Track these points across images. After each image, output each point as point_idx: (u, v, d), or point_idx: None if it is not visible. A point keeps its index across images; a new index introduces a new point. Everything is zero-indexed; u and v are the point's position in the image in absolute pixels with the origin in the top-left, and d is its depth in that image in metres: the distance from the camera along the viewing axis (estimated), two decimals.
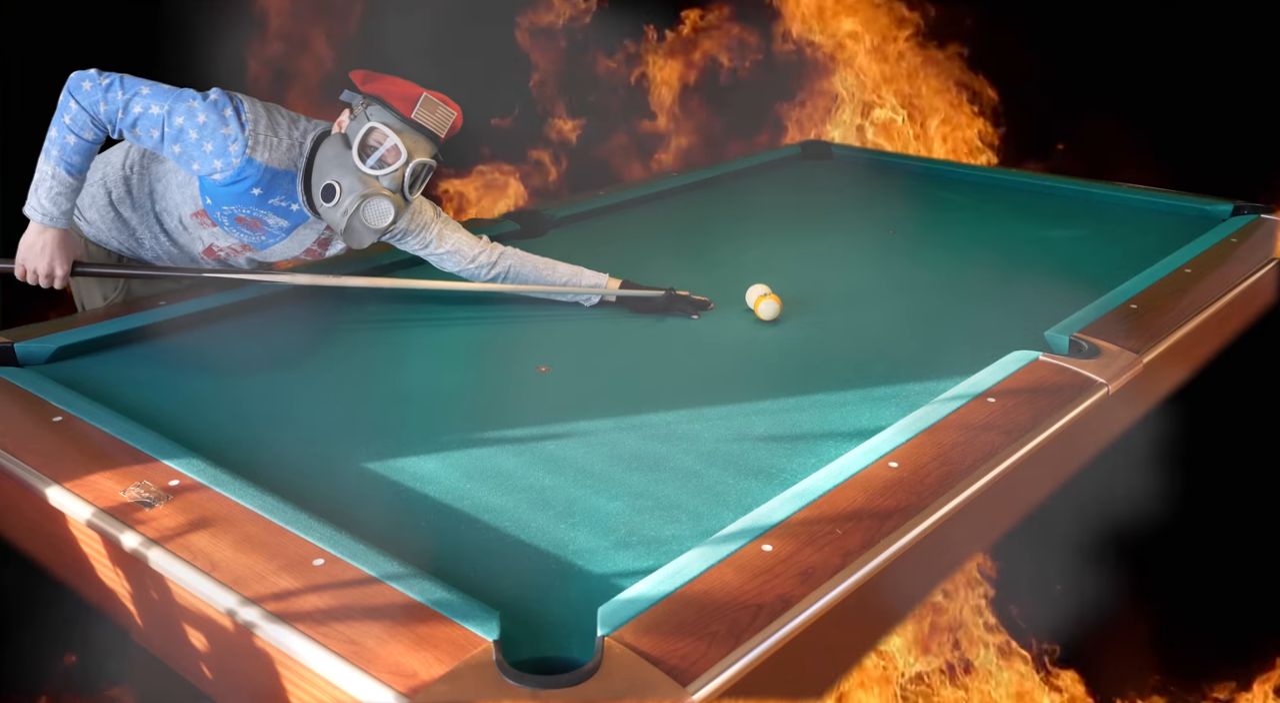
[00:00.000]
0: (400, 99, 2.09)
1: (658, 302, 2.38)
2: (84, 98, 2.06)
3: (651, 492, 1.61)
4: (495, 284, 2.37)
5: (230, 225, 2.21)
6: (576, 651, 1.24)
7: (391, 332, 2.29)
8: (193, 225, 2.24)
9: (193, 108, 2.06)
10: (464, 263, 2.35)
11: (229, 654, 1.35)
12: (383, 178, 2.10)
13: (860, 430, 1.77)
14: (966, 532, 1.68)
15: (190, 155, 2.08)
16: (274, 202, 2.16)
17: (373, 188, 2.09)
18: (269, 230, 2.22)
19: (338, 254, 2.39)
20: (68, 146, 2.08)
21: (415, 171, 2.14)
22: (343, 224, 2.11)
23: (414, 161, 2.12)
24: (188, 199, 2.20)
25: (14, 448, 1.65)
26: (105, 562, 1.50)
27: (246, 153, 2.07)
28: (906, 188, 3.58)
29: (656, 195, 3.38)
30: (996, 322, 2.28)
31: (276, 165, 2.11)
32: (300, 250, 2.31)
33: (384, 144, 2.09)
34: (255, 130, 2.08)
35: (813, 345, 2.20)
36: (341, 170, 2.10)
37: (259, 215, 2.18)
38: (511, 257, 2.37)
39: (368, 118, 2.10)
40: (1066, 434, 1.81)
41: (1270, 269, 2.63)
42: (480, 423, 1.83)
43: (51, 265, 2.14)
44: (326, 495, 1.57)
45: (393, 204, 2.10)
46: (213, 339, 2.20)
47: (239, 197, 2.13)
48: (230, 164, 2.07)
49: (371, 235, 2.14)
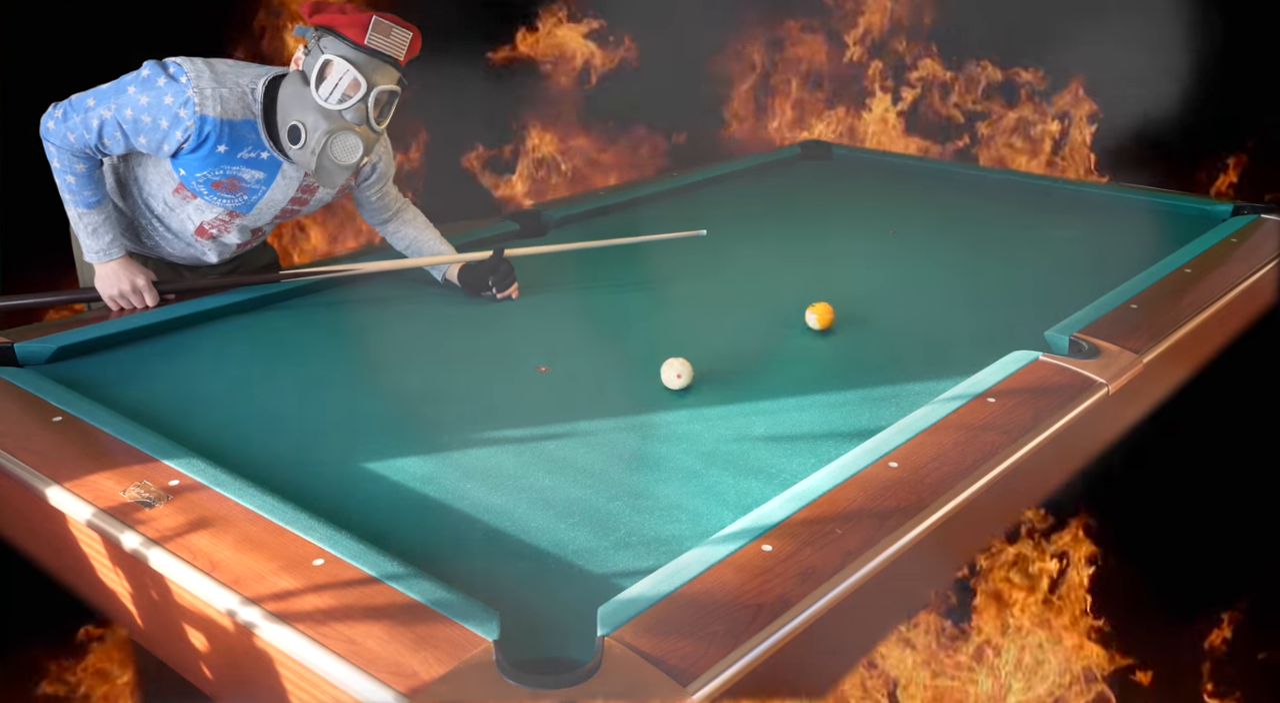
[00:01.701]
0: (350, 26, 2.03)
1: (487, 265, 2.41)
2: (54, 137, 2.08)
3: (651, 492, 1.61)
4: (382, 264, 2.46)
5: (210, 194, 2.17)
6: (576, 651, 1.24)
7: (392, 332, 2.28)
8: (176, 203, 2.22)
9: (131, 94, 2.04)
10: (384, 212, 2.44)
11: (229, 654, 1.35)
12: (346, 112, 2.06)
13: (860, 430, 1.77)
14: (967, 532, 1.68)
15: (155, 139, 2.06)
16: (243, 155, 2.12)
17: (337, 123, 2.05)
18: (248, 187, 2.18)
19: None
20: (72, 186, 2.12)
21: (378, 100, 2.08)
22: (313, 164, 2.07)
23: (376, 90, 2.06)
24: (165, 177, 2.18)
25: (14, 448, 1.65)
26: (105, 562, 1.50)
27: (196, 111, 2.03)
28: (906, 188, 3.59)
29: (656, 195, 3.38)
30: (996, 322, 2.28)
31: (232, 116, 2.07)
32: (286, 200, 2.26)
33: (343, 76, 2.04)
34: (199, 86, 2.03)
35: (813, 346, 2.20)
36: (303, 108, 2.05)
37: (233, 174, 2.14)
38: (406, 212, 2.48)
39: (321, 50, 2.04)
40: (1066, 434, 1.81)
41: (1270, 269, 2.62)
42: (480, 423, 1.83)
43: (132, 283, 2.21)
44: (326, 496, 1.57)
45: (360, 137, 2.06)
46: (213, 339, 2.20)
47: (207, 159, 2.10)
48: (186, 127, 2.04)
49: (343, 173, 2.10)
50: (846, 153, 4.05)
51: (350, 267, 2.44)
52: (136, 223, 2.30)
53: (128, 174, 2.25)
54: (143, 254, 2.35)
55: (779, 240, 2.95)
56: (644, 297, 2.51)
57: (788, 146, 4.13)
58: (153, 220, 2.29)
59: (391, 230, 2.48)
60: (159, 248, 2.34)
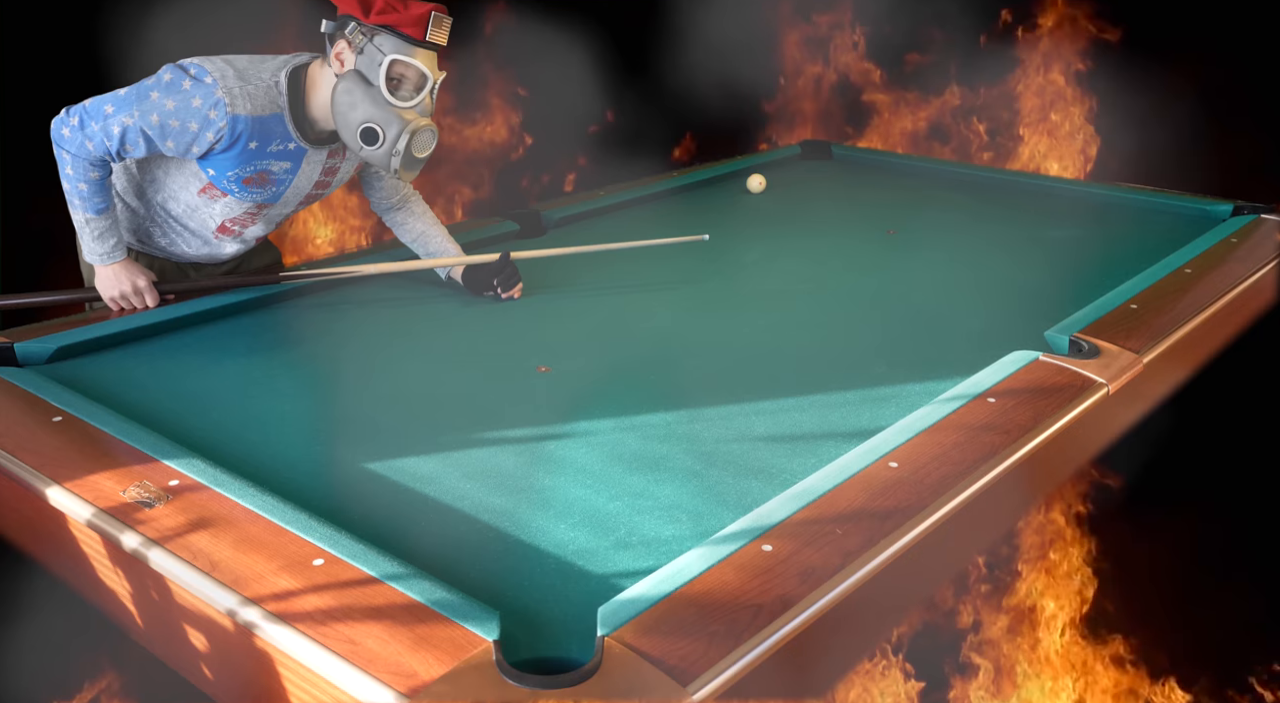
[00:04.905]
0: (412, 25, 2.06)
1: (492, 267, 2.43)
2: (69, 145, 2.07)
3: (651, 492, 1.61)
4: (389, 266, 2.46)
5: (241, 191, 2.18)
6: (576, 651, 1.24)
7: (392, 331, 2.28)
8: (200, 203, 2.22)
9: (155, 99, 2.02)
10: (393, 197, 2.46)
11: (229, 654, 1.35)
12: (417, 107, 2.11)
13: (860, 430, 1.77)
14: (967, 532, 1.68)
15: (184, 142, 2.06)
16: (272, 148, 2.13)
17: (412, 120, 2.10)
18: (276, 178, 2.20)
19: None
20: (84, 193, 2.11)
21: (433, 89, 2.15)
22: (395, 162, 2.12)
23: (437, 81, 2.12)
24: (189, 178, 2.18)
25: (14, 448, 1.65)
26: (105, 562, 1.50)
27: (229, 112, 2.03)
28: (906, 188, 3.59)
29: (656, 195, 3.38)
30: (996, 322, 2.28)
31: (261, 112, 2.08)
32: (311, 186, 2.28)
33: (407, 74, 2.09)
34: (227, 87, 2.03)
35: (813, 345, 2.20)
36: (373, 108, 2.08)
37: (263, 168, 2.15)
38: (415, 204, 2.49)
39: (380, 50, 2.06)
40: (1066, 434, 1.81)
41: (1270, 269, 2.63)
42: (480, 423, 1.83)
43: (133, 284, 2.21)
44: (326, 496, 1.57)
45: (432, 129, 2.14)
46: (213, 339, 2.20)
47: (239, 157, 2.11)
48: (219, 129, 2.04)
49: (418, 165, 2.18)
50: (846, 153, 4.05)
51: (351, 268, 2.44)
52: (150, 225, 2.29)
53: (142, 178, 2.24)
54: (150, 254, 2.34)
55: (778, 240, 2.95)
56: (644, 296, 2.51)
57: (788, 146, 4.13)
58: (169, 222, 2.28)
59: (398, 221, 2.49)
60: (173, 248, 2.33)
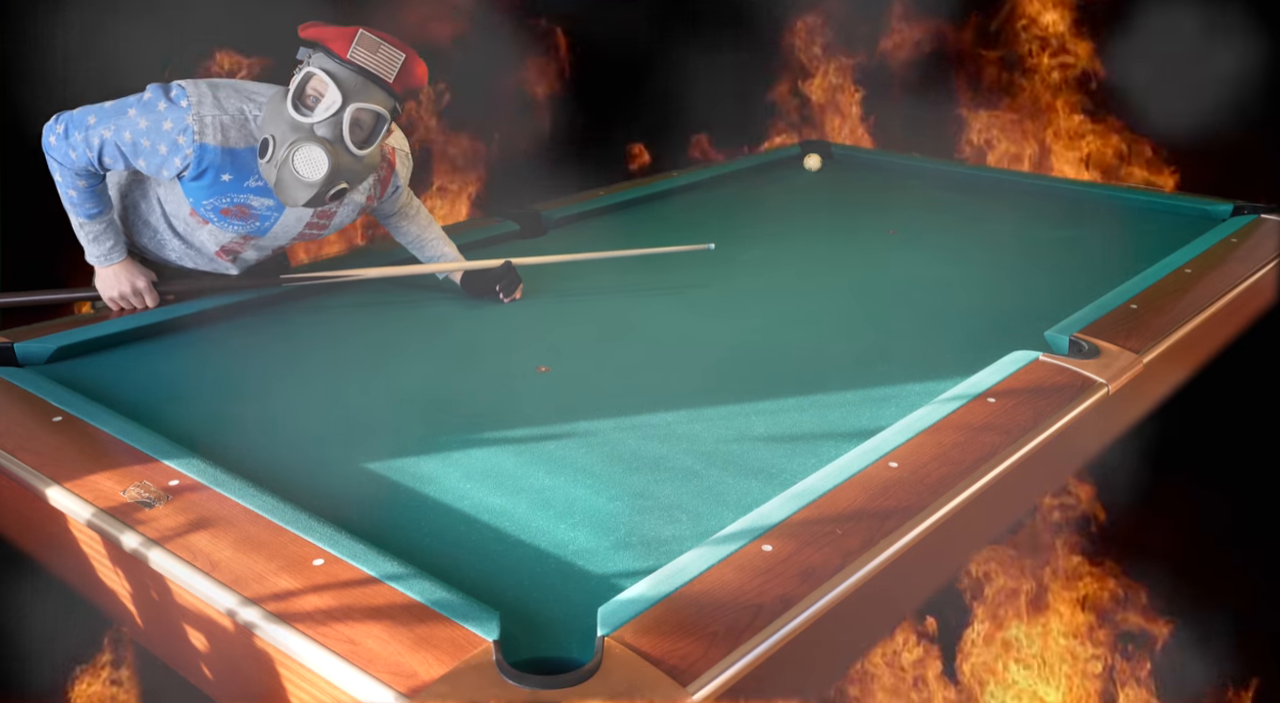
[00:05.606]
0: (335, 39, 1.92)
1: (494, 273, 2.39)
2: (56, 153, 2.04)
3: (651, 492, 1.61)
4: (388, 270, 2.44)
5: (220, 220, 2.13)
6: (576, 651, 1.24)
7: (392, 332, 2.28)
8: (194, 225, 2.19)
9: (131, 116, 1.98)
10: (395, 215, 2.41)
11: (229, 654, 1.35)
12: (317, 126, 1.93)
13: (860, 430, 1.77)
14: (967, 532, 1.68)
15: (154, 164, 2.01)
16: (250, 183, 2.05)
17: (304, 135, 1.92)
18: (259, 214, 2.12)
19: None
20: (74, 200, 2.09)
21: (356, 119, 1.96)
22: (274, 176, 1.95)
23: (353, 107, 1.93)
24: (180, 200, 2.14)
25: (14, 448, 1.65)
26: (105, 562, 1.50)
27: (195, 140, 1.96)
28: (906, 188, 3.59)
29: (656, 195, 3.38)
30: (996, 322, 2.28)
31: (234, 144, 1.99)
32: (302, 226, 2.21)
33: (319, 89, 1.93)
34: (199, 113, 1.96)
35: (813, 345, 2.20)
36: (276, 122, 1.95)
37: (241, 201, 2.07)
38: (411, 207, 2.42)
39: (307, 64, 1.95)
40: (1066, 434, 1.81)
41: (1270, 269, 2.63)
42: (480, 423, 1.83)
43: (133, 285, 2.20)
44: (326, 496, 1.57)
45: (325, 152, 1.92)
46: (213, 339, 2.20)
47: (212, 188, 2.04)
48: (185, 156, 1.98)
49: (305, 190, 1.95)
50: (846, 152, 4.05)
51: (352, 272, 2.42)
52: (161, 239, 2.25)
53: (153, 193, 2.20)
54: (163, 261, 2.31)
55: (779, 240, 2.95)
56: (644, 296, 2.51)
57: (788, 147, 4.13)
58: (174, 239, 2.25)
59: (394, 224, 2.45)
60: (183, 263, 2.30)
